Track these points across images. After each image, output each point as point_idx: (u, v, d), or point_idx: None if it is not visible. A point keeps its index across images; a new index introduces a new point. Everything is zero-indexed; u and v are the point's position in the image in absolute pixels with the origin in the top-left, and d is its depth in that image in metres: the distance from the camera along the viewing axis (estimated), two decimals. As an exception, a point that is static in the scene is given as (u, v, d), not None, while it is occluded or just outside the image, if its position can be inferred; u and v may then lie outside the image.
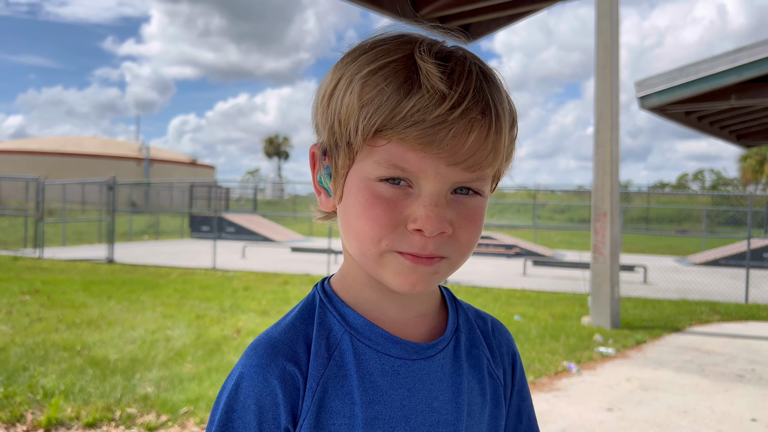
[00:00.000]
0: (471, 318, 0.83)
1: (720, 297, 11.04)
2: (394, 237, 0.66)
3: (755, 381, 5.50)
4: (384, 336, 0.73)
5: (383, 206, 0.66)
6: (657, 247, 25.97)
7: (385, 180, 0.66)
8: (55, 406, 4.03)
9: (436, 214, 0.64)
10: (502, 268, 14.74)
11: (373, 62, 0.65)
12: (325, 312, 0.74)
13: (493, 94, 0.65)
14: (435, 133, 0.62)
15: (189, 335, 6.47)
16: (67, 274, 11.55)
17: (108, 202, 15.54)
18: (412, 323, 0.76)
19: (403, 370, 0.72)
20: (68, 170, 40.71)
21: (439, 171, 0.64)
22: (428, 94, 0.62)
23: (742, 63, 6.85)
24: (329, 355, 0.71)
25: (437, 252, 0.67)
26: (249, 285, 10.64)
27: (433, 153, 0.63)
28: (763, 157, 48.49)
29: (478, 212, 0.69)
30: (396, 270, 0.67)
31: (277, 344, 0.71)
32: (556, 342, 6.66)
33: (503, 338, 0.86)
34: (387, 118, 0.63)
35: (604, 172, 7.53)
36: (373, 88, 0.64)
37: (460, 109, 0.62)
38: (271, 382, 0.68)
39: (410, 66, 0.64)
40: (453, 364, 0.77)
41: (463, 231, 0.68)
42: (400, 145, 0.63)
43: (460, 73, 0.64)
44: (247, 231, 22.39)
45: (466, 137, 0.63)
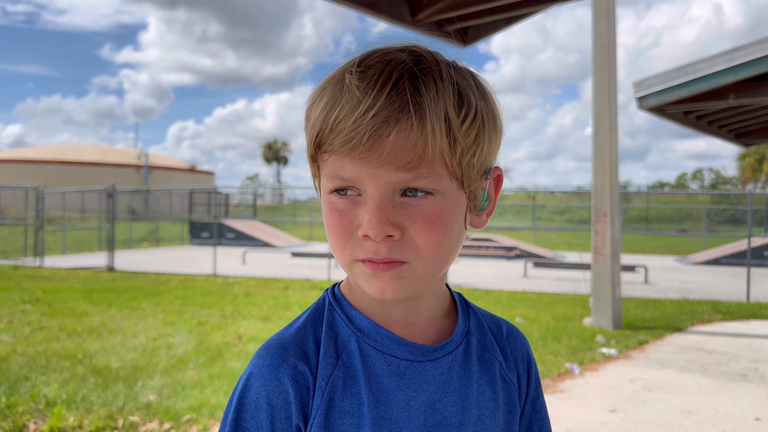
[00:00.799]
0: (484, 322, 0.84)
1: (721, 296, 11.03)
2: (351, 246, 0.69)
3: (758, 380, 5.49)
4: (390, 338, 0.75)
5: (337, 217, 0.69)
6: (657, 246, 25.97)
7: (336, 192, 0.69)
8: (58, 416, 4.02)
9: (377, 218, 0.66)
10: (503, 270, 14.73)
11: (327, 78, 0.71)
12: (334, 314, 0.77)
13: (419, 89, 0.65)
14: (353, 137, 0.64)
15: (190, 342, 6.46)
16: (67, 282, 11.54)
17: (108, 209, 15.54)
18: (419, 327, 0.77)
19: (408, 371, 0.74)
20: (67, 178, 40.72)
21: (373, 173, 0.66)
22: (347, 104, 0.65)
23: (740, 62, 6.86)
24: (337, 356, 0.73)
25: (392, 256, 0.67)
26: (250, 291, 10.63)
27: (361, 157, 0.65)
28: (762, 155, 48.54)
29: (435, 213, 0.68)
30: (363, 278, 0.70)
31: (288, 345, 0.73)
32: (559, 343, 6.65)
33: (518, 343, 0.86)
34: (321, 132, 0.67)
35: (603, 173, 7.54)
36: (315, 104, 0.69)
37: (373, 111, 0.64)
38: (283, 380, 0.70)
39: (342, 81, 0.68)
40: (462, 367, 0.77)
41: (419, 233, 0.68)
42: (337, 157, 0.67)
43: (378, 76, 0.65)
44: (247, 237, 22.39)
45: (386, 136, 0.64)
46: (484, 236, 21.14)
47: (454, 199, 0.70)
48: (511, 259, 18.39)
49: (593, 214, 7.71)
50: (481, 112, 0.69)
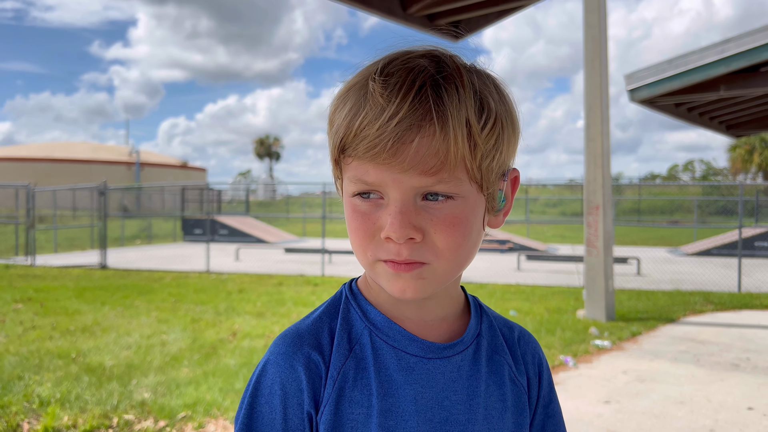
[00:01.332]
0: (496, 325, 0.86)
1: (713, 287, 11.10)
2: (374, 247, 0.71)
3: (750, 370, 5.53)
4: (401, 333, 0.77)
5: (359, 219, 0.71)
6: (649, 238, 26.09)
7: (359, 195, 0.71)
8: (52, 415, 4.01)
9: (399, 221, 0.68)
10: (496, 264, 14.77)
11: (344, 87, 0.72)
12: (349, 308, 0.80)
13: (442, 96, 0.67)
14: (377, 144, 0.66)
15: (184, 339, 6.45)
16: (59, 281, 11.49)
17: (99, 207, 15.46)
18: (431, 325, 0.80)
19: (418, 367, 0.76)
20: (58, 176, 40.48)
21: (396, 178, 0.68)
22: (372, 110, 0.67)
23: (731, 54, 6.88)
24: (350, 348, 0.76)
25: (414, 258, 0.70)
26: (243, 287, 10.61)
27: (385, 163, 0.67)
28: (752, 146, 48.79)
29: (456, 216, 0.70)
30: (385, 277, 0.72)
31: (304, 335, 0.77)
32: (552, 336, 6.67)
33: (529, 348, 0.88)
34: (345, 138, 0.69)
35: (595, 166, 7.56)
36: (339, 110, 0.71)
37: (397, 118, 0.65)
38: (297, 368, 0.74)
39: (366, 86, 0.69)
40: (471, 367, 0.80)
41: (439, 236, 0.70)
42: (360, 161, 0.69)
43: (402, 84, 0.67)
44: (240, 233, 22.33)
45: (410, 144, 0.66)
46: (477, 230, 21.04)
47: (473, 201, 0.72)
48: (504, 252, 18.44)
49: (585, 207, 7.73)
50: (500, 117, 0.71)
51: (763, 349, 6.30)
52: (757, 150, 48.77)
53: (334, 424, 0.73)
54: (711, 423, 4.17)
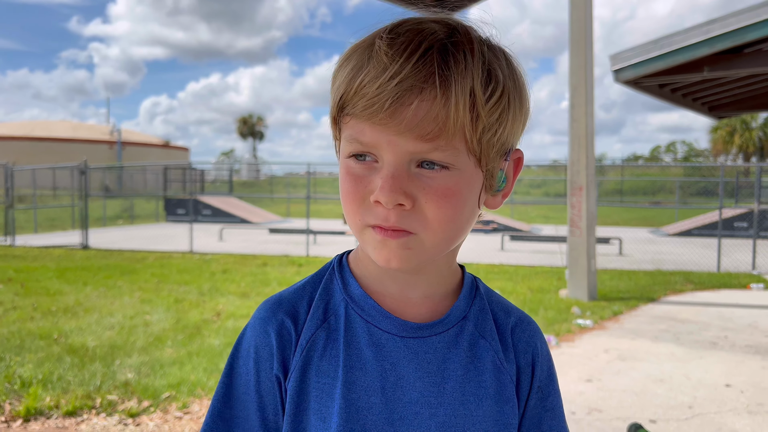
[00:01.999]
0: (489, 308, 0.83)
1: (693, 266, 11.26)
2: (364, 211, 0.69)
3: (728, 348, 5.63)
4: (376, 309, 0.76)
5: (352, 181, 0.70)
6: (631, 219, 26.35)
7: (353, 156, 0.70)
8: (34, 396, 3.98)
9: (390, 185, 0.66)
10: (480, 244, 14.84)
11: (357, 43, 0.70)
12: (333, 279, 0.80)
13: (448, 62, 0.65)
14: (375, 103, 0.64)
15: (168, 320, 6.42)
16: (40, 261, 11.36)
17: (80, 187, 15.27)
18: (414, 302, 0.78)
19: (389, 344, 0.75)
20: (38, 155, 39.86)
21: (391, 140, 0.66)
22: (374, 69, 0.65)
23: (715, 35, 6.90)
24: (325, 318, 0.77)
25: (401, 225, 0.67)
26: (227, 268, 10.58)
27: (382, 123, 0.65)
28: (733, 128, 49.29)
29: (449, 188, 0.68)
30: (372, 244, 0.70)
31: (283, 301, 0.78)
32: (535, 315, 6.73)
33: (525, 335, 0.83)
34: (345, 95, 0.67)
35: (579, 147, 7.58)
36: (343, 67, 0.69)
37: (398, 78, 0.64)
38: (270, 333, 0.76)
39: (371, 46, 0.67)
40: (449, 350, 0.77)
41: (430, 206, 0.68)
42: (358, 120, 0.67)
43: (408, 44, 0.65)
44: (224, 213, 22.21)
45: (409, 106, 0.64)
46: (461, 210, 21.12)
47: (469, 175, 0.69)
48: (488, 232, 18.53)
49: (569, 188, 7.77)
50: (508, 92, 0.69)
51: (740, 328, 6.42)
52: (738, 132, 49.30)
53: (299, 391, 0.74)
54: (690, 400, 4.24)
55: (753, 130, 49.43)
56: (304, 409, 0.74)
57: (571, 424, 3.77)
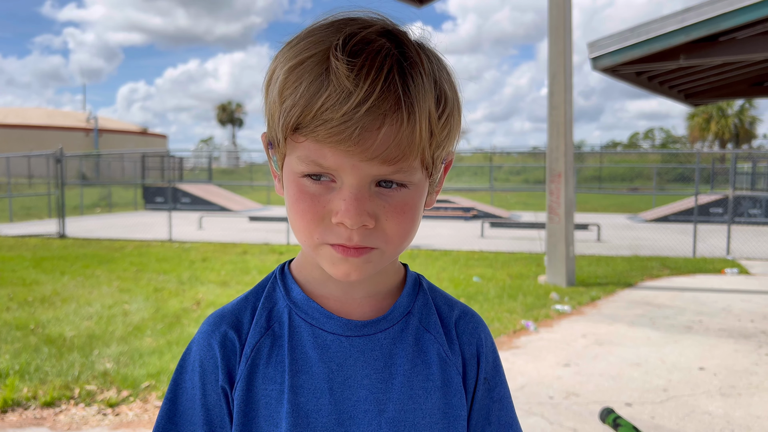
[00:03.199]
0: (433, 303, 0.84)
1: (669, 252, 11.44)
2: (322, 230, 0.69)
3: (702, 332, 5.74)
4: (319, 311, 0.77)
5: (308, 201, 0.68)
6: (610, 205, 26.63)
7: (308, 176, 0.68)
8: (11, 387, 3.94)
9: (355, 208, 0.66)
10: (460, 231, 14.92)
11: (295, 57, 0.67)
12: (275, 287, 0.81)
13: (408, 85, 0.65)
14: (343, 131, 0.63)
15: (147, 309, 6.38)
16: (16, 250, 11.19)
17: (56, 175, 15.03)
18: (357, 302, 0.79)
19: (334, 345, 0.76)
20: (12, 143, 39.12)
21: (355, 165, 0.65)
22: (335, 93, 0.63)
23: (690, 23, 6.95)
24: (269, 326, 0.77)
25: (364, 243, 0.68)
26: (207, 256, 10.51)
27: (347, 150, 0.64)
28: (710, 115, 49.90)
29: (407, 203, 0.70)
30: (329, 261, 0.71)
31: (226, 314, 0.79)
32: (514, 301, 6.80)
33: (469, 327, 0.84)
34: (301, 117, 0.65)
35: (558, 134, 7.63)
36: (291, 84, 0.65)
37: (366, 106, 0.62)
38: (213, 346, 0.76)
39: (325, 62, 0.65)
40: (394, 346, 0.78)
41: (390, 223, 0.69)
42: (315, 143, 0.65)
43: (369, 68, 0.63)
44: (203, 201, 22.04)
45: (377, 132, 0.64)
46: (442, 197, 21.24)
47: (421, 188, 0.72)
48: (468, 219, 18.62)
49: (548, 175, 7.83)
50: (453, 106, 0.70)
51: (714, 312, 6.54)
52: (714, 119, 49.92)
53: (247, 399, 0.74)
54: (664, 383, 4.33)
55: (729, 117, 50.10)
56: (253, 417, 0.74)
57: (548, 408, 3.83)
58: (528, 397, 4.02)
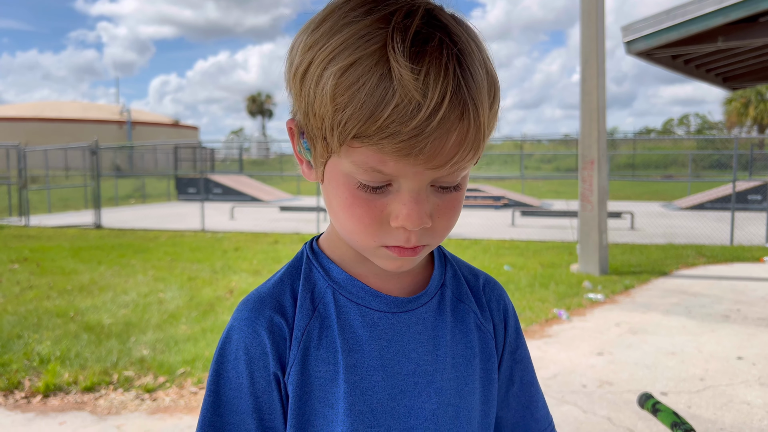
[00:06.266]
0: (460, 273, 0.86)
1: (706, 240, 11.20)
2: (381, 234, 0.68)
3: (740, 321, 5.62)
4: (364, 290, 0.77)
5: (364, 206, 0.67)
6: (643, 193, 26.17)
7: (366, 186, 0.66)
8: (52, 372, 4.05)
9: (417, 212, 0.65)
10: (490, 220, 14.82)
11: (343, 53, 0.61)
12: (311, 268, 0.79)
13: (470, 88, 0.61)
14: (413, 146, 0.60)
15: (182, 297, 6.49)
16: (54, 241, 11.48)
17: (92, 167, 15.34)
18: (395, 278, 0.79)
19: (382, 322, 0.76)
20: (49, 136, 40.01)
21: (418, 172, 0.64)
22: (403, 104, 0.59)
23: (729, 3, 6.75)
24: (314, 307, 0.76)
25: (419, 242, 0.69)
26: (239, 245, 10.64)
27: (413, 161, 0.62)
28: (748, 99, 48.54)
29: (458, 202, 0.70)
30: (383, 258, 0.71)
31: (265, 298, 0.76)
32: (546, 290, 6.74)
33: (494, 294, 0.87)
34: (363, 128, 0.60)
35: (591, 120, 7.51)
36: (346, 90, 0.60)
37: (437, 118, 0.59)
38: (260, 332, 0.73)
39: (384, 63, 0.59)
40: (436, 318, 0.80)
41: (442, 220, 0.70)
42: (376, 152, 0.62)
43: (436, 74, 0.59)
44: (235, 192, 22.27)
45: (445, 141, 0.61)
46: (472, 186, 21.13)
47: (467, 181, 0.72)
48: (498, 208, 18.48)
49: (580, 162, 7.72)
50: (498, 91, 0.67)
51: (753, 301, 6.40)
52: (752, 103, 48.55)
53: (301, 382, 0.73)
54: (701, 372, 4.25)
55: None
56: (307, 400, 0.74)
57: (581, 396, 3.79)
58: (561, 385, 3.98)
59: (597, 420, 3.48)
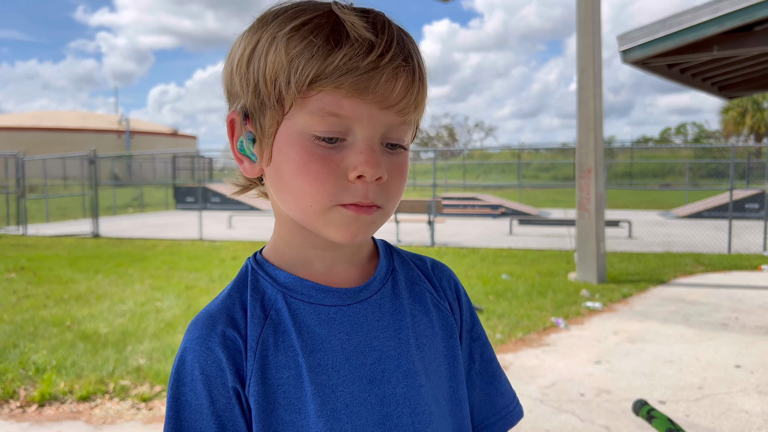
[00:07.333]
0: (407, 260, 0.88)
1: (703, 248, 11.20)
2: (337, 190, 0.69)
3: (738, 329, 5.61)
4: (314, 288, 0.77)
5: (320, 162, 0.68)
6: (641, 201, 26.20)
7: (321, 139, 0.68)
8: (48, 381, 4.03)
9: (374, 159, 0.68)
10: (488, 229, 14.82)
11: (294, 19, 0.68)
12: (257, 278, 0.78)
13: (409, 43, 0.70)
14: (369, 80, 0.65)
15: (179, 306, 6.48)
16: (52, 250, 11.46)
17: (90, 176, 15.34)
18: (343, 273, 0.80)
19: (338, 316, 0.76)
20: (48, 145, 40.01)
21: (372, 115, 0.68)
22: (357, 43, 0.65)
23: (724, 12, 6.80)
24: (266, 315, 0.75)
25: (375, 201, 0.70)
26: (237, 254, 10.62)
27: (368, 99, 0.66)
28: (745, 108, 48.71)
29: (405, 164, 0.74)
30: (339, 222, 0.71)
31: (215, 314, 0.75)
32: (544, 298, 6.74)
33: (444, 274, 0.89)
34: (320, 69, 0.65)
35: (588, 129, 7.53)
36: (301, 41, 0.66)
37: (389, 56, 0.66)
38: (214, 349, 0.72)
39: (333, 20, 0.67)
40: (392, 303, 0.80)
41: (393, 181, 0.72)
42: (333, 94, 0.66)
43: (382, 23, 0.68)
44: (233, 200, 22.26)
45: (395, 82, 0.67)
46: (469, 195, 21.16)
47: (408, 152, 0.76)
48: (496, 217, 18.49)
49: (578, 170, 7.73)
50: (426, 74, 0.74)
51: (751, 309, 6.39)
52: (749, 112, 48.72)
53: (263, 392, 0.71)
54: (699, 381, 4.24)
55: (765, 111, 48.85)
56: (272, 410, 0.71)
57: (579, 405, 3.78)
58: (559, 394, 3.97)
59: (595, 429, 3.47)
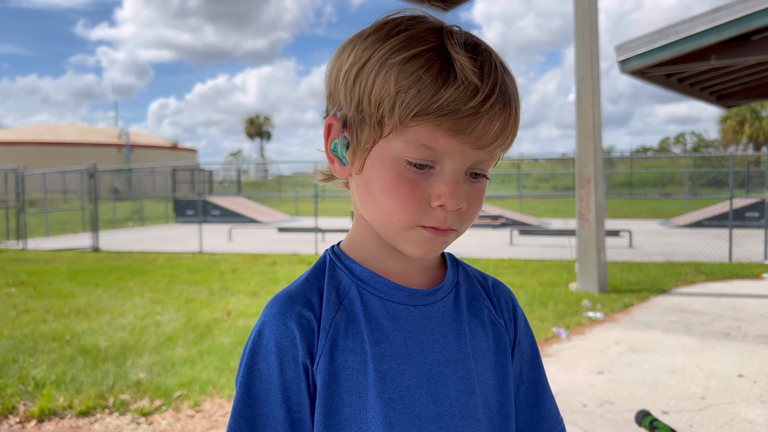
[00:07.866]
0: (471, 275, 0.92)
1: (704, 257, 11.19)
2: (419, 213, 0.75)
3: (741, 338, 5.59)
4: (387, 284, 0.82)
5: (408, 186, 0.74)
6: (641, 211, 26.20)
7: (412, 165, 0.73)
8: (47, 397, 4.01)
9: (458, 192, 0.73)
10: (489, 239, 14.81)
11: (405, 48, 0.71)
12: (335, 268, 0.84)
13: (511, 85, 0.74)
14: (468, 123, 0.70)
15: (179, 319, 6.45)
16: (52, 264, 11.44)
17: (90, 190, 15.35)
18: (414, 275, 0.85)
19: (405, 314, 0.81)
20: (48, 160, 40.11)
21: (464, 152, 0.72)
22: (463, 86, 0.69)
23: (721, 22, 6.83)
24: (339, 302, 0.81)
25: (453, 225, 0.76)
26: (237, 267, 10.61)
27: (463, 139, 0.71)
28: (743, 117, 48.87)
29: (483, 192, 0.79)
30: (416, 241, 0.77)
31: (294, 295, 0.81)
32: (545, 309, 6.72)
33: (503, 294, 0.94)
34: (425, 106, 0.69)
35: (587, 139, 7.54)
36: (410, 74, 0.70)
37: (490, 102, 0.70)
38: (290, 325, 0.78)
39: (444, 56, 0.71)
40: (454, 312, 0.85)
41: (471, 208, 0.77)
42: (432, 130, 0.71)
43: (489, 67, 0.71)
44: (233, 213, 22.27)
45: (491, 125, 0.71)
46: (469, 206, 20.96)
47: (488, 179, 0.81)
48: (497, 227, 18.48)
49: (577, 181, 7.74)
50: None
51: (753, 318, 6.37)
52: (747, 121, 48.88)
53: (329, 372, 0.77)
54: (702, 391, 4.22)
55: (763, 119, 49.00)
56: (335, 389, 0.77)
57: (582, 416, 3.76)
58: (561, 405, 3.95)
59: (598, 440, 3.44)
